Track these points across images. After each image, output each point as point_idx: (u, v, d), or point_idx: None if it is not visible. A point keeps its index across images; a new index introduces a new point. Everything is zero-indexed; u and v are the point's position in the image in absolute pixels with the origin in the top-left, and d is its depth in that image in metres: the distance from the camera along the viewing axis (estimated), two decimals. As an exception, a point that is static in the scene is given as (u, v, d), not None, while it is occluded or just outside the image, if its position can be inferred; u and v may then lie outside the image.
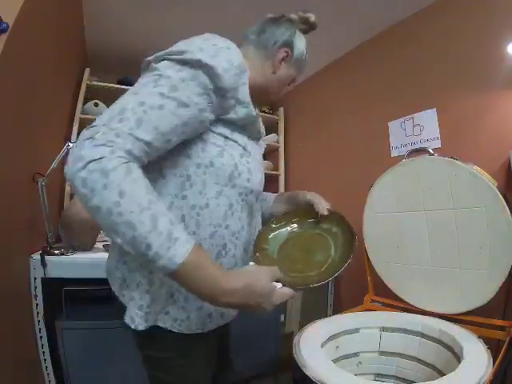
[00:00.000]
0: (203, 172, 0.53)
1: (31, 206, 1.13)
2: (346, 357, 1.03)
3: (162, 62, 0.48)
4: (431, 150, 1.15)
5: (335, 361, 0.96)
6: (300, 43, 0.68)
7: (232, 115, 0.54)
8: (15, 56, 0.82)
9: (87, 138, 0.41)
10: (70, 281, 1.16)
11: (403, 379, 1.01)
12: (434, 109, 1.43)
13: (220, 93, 0.50)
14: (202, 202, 0.54)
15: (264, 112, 2.42)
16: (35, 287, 1.11)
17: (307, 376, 0.73)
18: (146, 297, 0.54)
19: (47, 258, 1.12)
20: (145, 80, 0.47)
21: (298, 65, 0.69)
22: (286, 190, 2.40)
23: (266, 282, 0.49)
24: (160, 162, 0.52)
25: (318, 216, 0.71)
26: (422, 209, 1.11)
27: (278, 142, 2.41)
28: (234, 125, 0.57)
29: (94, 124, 0.43)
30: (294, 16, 0.70)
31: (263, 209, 0.79)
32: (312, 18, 0.70)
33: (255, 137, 0.64)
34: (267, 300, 0.48)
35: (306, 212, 0.75)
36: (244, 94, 0.54)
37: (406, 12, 1.55)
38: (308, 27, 0.70)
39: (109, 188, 0.40)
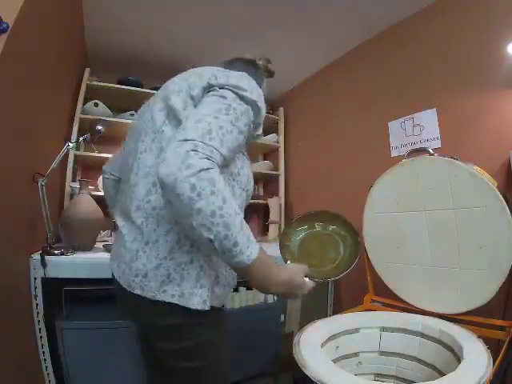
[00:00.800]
0: (233, 179, 0.66)
1: (31, 206, 1.13)
2: (346, 357, 1.03)
3: (227, 92, 0.60)
4: (431, 150, 1.15)
5: (335, 361, 0.96)
6: (264, 87, 0.88)
7: (252, 140, 0.69)
8: (15, 56, 0.82)
9: (192, 150, 0.49)
10: (70, 281, 1.16)
11: (403, 379, 1.01)
12: (434, 109, 1.43)
13: (255, 125, 0.66)
14: None
15: (264, 112, 2.42)
16: (35, 287, 1.11)
17: (307, 376, 0.73)
18: (210, 280, 0.63)
19: (47, 257, 1.12)
20: (217, 106, 0.58)
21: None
22: (286, 189, 2.41)
23: (301, 277, 0.65)
24: None
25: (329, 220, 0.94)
26: (422, 209, 1.11)
27: (278, 142, 2.41)
28: (248, 143, 0.70)
29: (186, 137, 0.51)
30: (261, 65, 0.89)
31: None
32: (271, 69, 0.93)
33: None
34: (300, 290, 0.65)
35: (319, 215, 0.96)
36: (262, 125, 0.69)
37: (405, 12, 1.55)
38: (268, 75, 0.93)
39: (215, 194, 0.49)
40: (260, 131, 0.70)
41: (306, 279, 0.67)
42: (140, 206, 0.63)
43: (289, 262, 0.82)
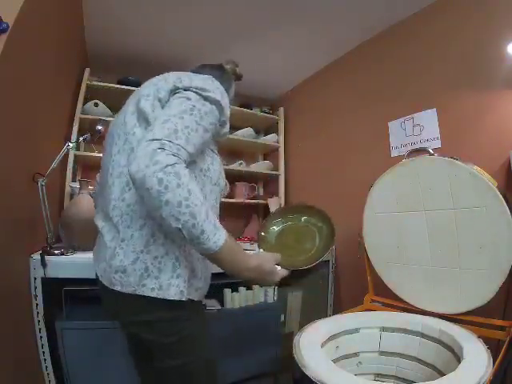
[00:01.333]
0: (204, 175, 0.70)
1: (31, 206, 1.13)
2: (346, 357, 1.03)
3: (191, 94, 0.64)
4: (431, 150, 1.16)
5: (335, 361, 0.96)
6: (232, 90, 0.88)
7: (219, 138, 0.74)
8: (15, 56, 0.82)
9: (159, 148, 0.54)
10: (70, 281, 1.16)
11: (403, 379, 1.01)
12: (434, 109, 1.43)
13: (221, 123, 0.71)
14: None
15: (264, 112, 2.43)
16: (35, 287, 1.11)
17: (307, 376, 0.73)
18: (186, 271, 0.66)
19: (47, 257, 1.12)
20: (183, 107, 0.62)
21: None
22: (286, 189, 2.40)
23: (271, 263, 0.70)
24: None
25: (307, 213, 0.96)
26: (422, 209, 1.11)
27: (278, 142, 2.41)
28: (216, 141, 0.76)
29: (154, 137, 0.55)
30: (229, 68, 0.90)
31: None
32: (239, 73, 0.94)
33: None
34: (271, 277, 0.70)
35: (298, 207, 1.00)
36: (228, 124, 0.74)
37: (406, 12, 1.55)
38: (237, 79, 0.93)
39: (181, 187, 0.53)
40: (227, 129, 0.74)
41: (278, 267, 0.71)
42: (116, 205, 0.66)
43: (261, 250, 0.87)
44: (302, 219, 0.96)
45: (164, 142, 0.55)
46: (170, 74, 0.72)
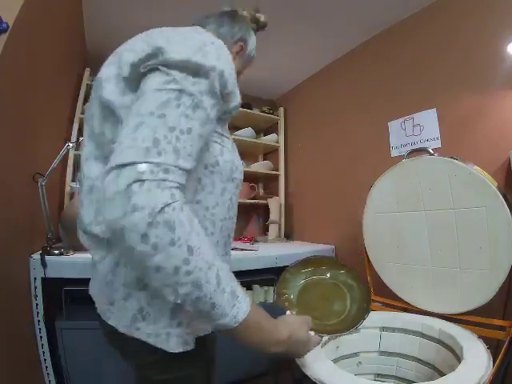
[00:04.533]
0: (210, 172, 0.51)
1: (31, 206, 1.13)
2: (346, 357, 1.03)
3: (174, 72, 0.42)
4: (431, 150, 1.15)
5: (335, 361, 0.96)
6: (252, 41, 0.72)
7: (227, 114, 0.53)
8: (15, 56, 0.82)
9: (135, 181, 0.35)
10: (70, 281, 1.16)
11: (403, 379, 1.01)
12: (434, 109, 1.43)
13: (225, 97, 0.48)
14: (214, 202, 0.53)
15: (264, 112, 2.43)
16: (35, 287, 1.11)
17: (307, 376, 0.73)
18: (188, 314, 0.49)
19: (47, 257, 1.12)
20: (162, 97, 0.40)
21: (248, 60, 0.73)
22: (285, 190, 2.41)
23: (305, 332, 0.55)
24: None
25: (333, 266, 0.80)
26: (421, 209, 1.11)
27: (277, 142, 2.41)
28: (225, 120, 0.55)
29: (123, 161, 0.36)
30: (246, 14, 0.73)
31: None
32: (262, 18, 0.75)
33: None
34: (305, 347, 0.55)
35: (321, 260, 0.83)
36: (238, 91, 0.52)
37: (405, 12, 1.55)
38: (258, 27, 0.76)
39: (176, 244, 0.36)
40: (236, 101, 0.51)
41: (312, 333, 0.57)
42: (91, 231, 0.50)
43: (288, 312, 0.69)
44: (328, 274, 0.81)
45: (140, 166, 0.36)
46: (138, 37, 0.51)
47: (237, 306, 0.42)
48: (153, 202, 0.35)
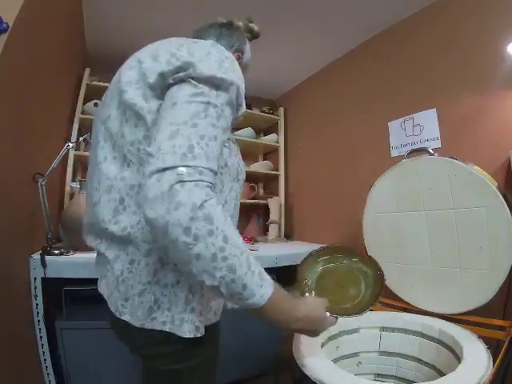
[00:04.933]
0: (220, 173, 0.56)
1: (31, 206, 1.13)
2: (346, 357, 1.03)
3: (202, 85, 0.47)
4: (431, 150, 1.15)
5: (335, 361, 0.96)
6: (247, 50, 0.77)
7: (235, 121, 0.57)
8: (15, 56, 0.82)
9: (177, 182, 0.40)
10: (70, 281, 1.16)
11: (403, 379, 1.01)
12: (434, 109, 1.43)
13: (238, 108, 0.54)
14: (223, 200, 0.58)
15: (264, 112, 2.43)
16: (35, 287, 1.11)
17: (307, 376, 0.73)
18: (203, 301, 0.55)
19: (47, 257, 1.12)
20: (193, 108, 0.46)
21: (244, 69, 0.75)
22: (285, 189, 2.41)
23: (321, 311, 0.61)
24: None
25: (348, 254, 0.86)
26: (422, 209, 1.11)
27: (277, 142, 2.41)
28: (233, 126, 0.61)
29: (165, 165, 0.41)
30: (241, 24, 0.79)
31: None
32: (255, 28, 0.80)
33: None
34: (321, 326, 0.61)
35: (339, 249, 0.89)
36: (244, 101, 0.57)
37: (405, 12, 1.55)
38: (252, 36, 0.81)
39: (214, 234, 0.41)
40: (243, 109, 0.57)
41: (327, 314, 0.63)
42: (108, 228, 0.52)
43: (307, 294, 0.78)
44: (344, 262, 0.87)
45: (180, 170, 0.41)
46: (159, 47, 0.54)
47: (264, 286, 0.48)
48: (194, 199, 0.40)
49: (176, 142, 0.43)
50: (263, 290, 0.47)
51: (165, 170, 0.41)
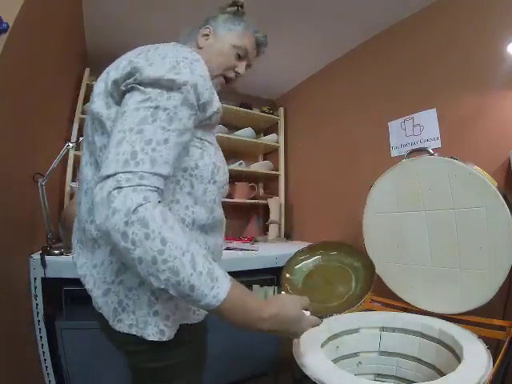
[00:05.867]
0: (189, 174, 0.56)
1: (31, 206, 1.13)
2: (346, 357, 1.03)
3: (150, 90, 0.48)
4: (431, 150, 1.15)
5: (335, 361, 0.96)
6: (223, 21, 0.74)
7: (207, 121, 0.58)
8: (15, 56, 0.82)
9: (114, 189, 0.41)
10: (70, 281, 1.15)
11: (403, 379, 1.01)
12: (434, 109, 1.43)
13: (202, 107, 0.54)
14: (192, 201, 0.57)
15: (264, 112, 2.43)
16: (35, 287, 1.11)
17: (307, 376, 0.73)
18: (170, 305, 0.54)
19: (47, 257, 1.12)
20: (141, 114, 0.46)
21: (232, 32, 0.74)
22: (285, 190, 2.41)
23: (294, 309, 0.55)
24: None
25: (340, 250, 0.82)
26: (422, 209, 1.11)
27: (277, 142, 2.41)
28: (207, 126, 0.60)
29: (107, 173, 0.42)
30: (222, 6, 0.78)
31: None
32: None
33: (214, 129, 0.66)
34: (297, 326, 0.56)
35: (329, 245, 0.85)
36: (215, 98, 0.58)
37: (405, 12, 1.55)
38: (238, 7, 0.77)
39: (151, 237, 0.41)
40: (214, 108, 0.57)
41: (307, 313, 0.58)
42: (85, 227, 0.56)
43: (283, 292, 0.73)
44: (333, 258, 0.84)
45: (119, 176, 0.42)
46: (126, 55, 0.56)
47: (217, 286, 0.46)
48: (129, 204, 0.41)
49: (120, 149, 0.44)
50: (215, 290, 0.45)
51: (107, 177, 0.42)
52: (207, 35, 0.73)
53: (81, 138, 1.34)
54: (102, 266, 0.54)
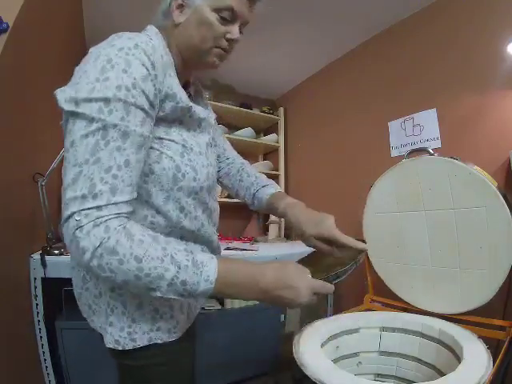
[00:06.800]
0: (144, 181, 0.50)
1: (31, 206, 1.13)
2: (346, 357, 1.02)
3: (89, 111, 0.42)
4: (431, 150, 1.15)
5: (335, 361, 0.96)
6: None
7: (160, 113, 0.51)
8: (15, 56, 0.82)
9: (76, 228, 0.41)
10: (70, 281, 1.15)
11: (403, 379, 1.01)
12: (434, 109, 1.43)
13: (153, 104, 0.48)
14: (153, 211, 0.53)
15: (264, 112, 2.43)
16: (35, 287, 1.11)
17: (307, 376, 0.73)
18: (123, 319, 0.54)
19: (47, 258, 1.11)
20: (91, 141, 0.42)
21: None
22: (285, 190, 2.40)
23: (300, 275, 0.52)
24: None
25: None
26: (422, 209, 1.11)
27: (277, 142, 2.41)
28: (166, 121, 0.52)
29: (68, 213, 0.41)
30: None
31: (261, 202, 0.80)
32: None
33: (196, 126, 0.58)
34: (303, 292, 0.50)
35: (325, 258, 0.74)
36: (176, 88, 0.51)
37: (405, 12, 1.55)
38: None
39: (125, 262, 0.42)
40: (173, 101, 0.51)
41: (309, 276, 0.53)
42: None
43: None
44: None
45: (78, 215, 0.41)
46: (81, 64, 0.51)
47: (205, 270, 0.45)
48: (93, 240, 0.41)
49: (78, 185, 0.41)
50: (205, 274, 0.45)
51: (68, 217, 0.41)
52: (182, 6, 0.57)
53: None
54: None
